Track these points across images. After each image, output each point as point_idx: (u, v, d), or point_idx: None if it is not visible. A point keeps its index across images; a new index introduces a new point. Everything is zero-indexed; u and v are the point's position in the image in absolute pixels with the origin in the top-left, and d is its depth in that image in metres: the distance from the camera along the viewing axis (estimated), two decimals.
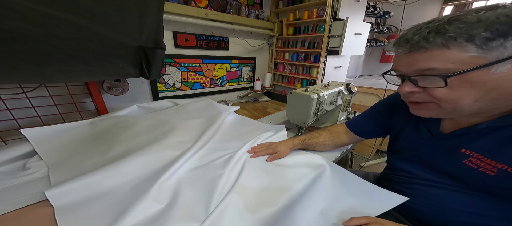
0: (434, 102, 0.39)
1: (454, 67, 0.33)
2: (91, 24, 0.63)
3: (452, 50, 0.33)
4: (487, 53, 0.31)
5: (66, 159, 0.61)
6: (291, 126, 0.98)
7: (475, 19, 0.31)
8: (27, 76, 0.64)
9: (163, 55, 0.86)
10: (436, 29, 0.33)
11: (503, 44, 0.30)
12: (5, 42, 0.53)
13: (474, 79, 0.33)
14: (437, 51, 0.34)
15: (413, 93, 0.40)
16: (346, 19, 1.26)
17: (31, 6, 0.52)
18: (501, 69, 0.31)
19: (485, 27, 0.30)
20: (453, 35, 0.32)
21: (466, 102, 0.35)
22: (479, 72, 0.32)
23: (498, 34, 0.30)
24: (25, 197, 0.48)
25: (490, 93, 0.34)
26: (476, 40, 0.31)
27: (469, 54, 0.32)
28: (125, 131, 0.75)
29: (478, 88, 0.34)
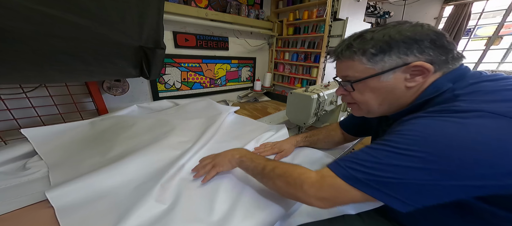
0: (356, 103, 0.47)
1: (358, 75, 0.41)
2: (91, 24, 0.62)
3: (355, 61, 0.41)
4: (374, 65, 0.39)
5: (66, 159, 0.61)
6: (291, 126, 0.97)
7: (370, 37, 0.39)
8: (27, 76, 0.65)
9: (163, 55, 0.86)
10: (347, 44, 0.41)
11: (383, 59, 0.38)
12: (5, 42, 0.53)
13: (371, 85, 0.41)
14: (348, 62, 0.42)
15: (344, 96, 0.49)
16: (346, 19, 1.26)
17: (31, 6, 0.52)
18: (386, 78, 0.39)
19: (373, 45, 0.38)
20: (355, 49, 0.40)
21: (373, 104, 0.43)
22: (373, 80, 0.40)
23: (379, 50, 0.38)
24: (25, 197, 0.48)
25: (386, 98, 0.42)
26: (367, 54, 0.39)
27: (364, 65, 0.40)
28: (125, 131, 0.75)
29: (377, 93, 0.42)
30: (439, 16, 2.68)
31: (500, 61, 2.56)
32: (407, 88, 0.39)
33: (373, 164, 0.33)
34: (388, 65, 0.38)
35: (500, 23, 2.43)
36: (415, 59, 0.36)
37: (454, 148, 0.28)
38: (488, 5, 2.51)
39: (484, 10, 2.55)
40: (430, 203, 0.30)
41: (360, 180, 0.34)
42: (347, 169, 0.36)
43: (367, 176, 0.33)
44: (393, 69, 0.38)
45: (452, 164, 0.27)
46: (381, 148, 0.34)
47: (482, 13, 2.56)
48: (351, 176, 0.35)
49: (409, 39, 0.36)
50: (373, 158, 0.34)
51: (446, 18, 2.62)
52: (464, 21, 2.55)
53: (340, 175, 0.36)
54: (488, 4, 2.49)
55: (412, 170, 0.30)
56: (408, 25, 0.38)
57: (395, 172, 0.31)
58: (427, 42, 0.36)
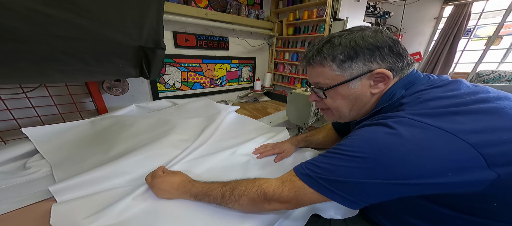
0: (329, 109, 0.47)
1: (329, 82, 0.42)
2: (91, 24, 0.62)
3: (326, 68, 0.41)
4: (343, 72, 0.39)
5: (67, 158, 0.61)
6: (291, 126, 0.97)
7: (338, 41, 0.39)
8: (27, 76, 0.65)
9: (163, 55, 0.86)
10: (317, 49, 0.41)
11: (350, 66, 0.38)
12: (5, 42, 0.53)
13: (341, 92, 0.42)
14: (319, 68, 0.42)
15: (317, 102, 0.49)
16: (346, 19, 1.26)
17: (31, 6, 0.52)
18: (354, 85, 0.40)
19: (341, 50, 0.38)
20: (325, 55, 0.40)
21: (344, 110, 0.45)
22: (343, 87, 0.41)
23: (348, 57, 0.38)
24: (25, 196, 0.48)
25: (355, 104, 0.43)
26: (336, 60, 0.39)
27: (334, 72, 0.40)
28: (126, 130, 0.75)
29: (346, 100, 0.43)
30: (439, 16, 2.68)
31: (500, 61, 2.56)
32: (372, 94, 0.41)
33: (326, 165, 0.36)
34: (355, 72, 0.39)
35: (500, 23, 2.43)
36: (378, 66, 0.38)
37: (384, 150, 0.30)
38: (488, 5, 2.50)
39: (484, 10, 2.55)
40: (374, 200, 0.32)
41: (314, 179, 0.36)
42: (305, 169, 0.38)
43: (319, 175, 0.35)
44: (359, 76, 0.39)
45: (383, 165, 0.30)
46: (334, 151, 0.36)
47: (482, 13, 2.56)
48: (307, 175, 0.37)
49: (371, 45, 0.37)
50: (327, 160, 0.36)
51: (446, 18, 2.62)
52: (464, 21, 2.54)
53: (299, 174, 0.38)
54: (488, 4, 2.49)
55: (355, 170, 0.32)
56: (369, 31, 0.39)
57: (342, 172, 0.33)
58: (386, 49, 0.37)
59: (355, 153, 0.33)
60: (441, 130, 0.29)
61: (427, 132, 0.29)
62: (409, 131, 0.30)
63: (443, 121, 0.30)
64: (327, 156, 0.37)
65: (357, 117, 0.46)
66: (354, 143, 0.34)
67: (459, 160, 0.27)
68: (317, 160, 0.38)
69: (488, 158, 0.26)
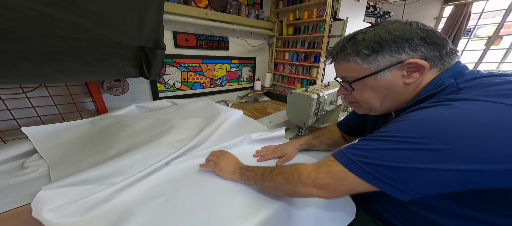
0: (357, 102, 0.48)
1: (355, 75, 0.43)
2: (91, 24, 0.63)
3: (351, 62, 0.42)
4: (370, 65, 0.40)
5: (65, 158, 0.61)
6: (291, 126, 0.97)
7: (362, 38, 0.40)
8: (27, 76, 0.64)
9: (163, 55, 0.86)
10: (341, 46, 0.43)
11: (376, 58, 0.39)
12: (5, 42, 0.53)
13: (370, 84, 0.42)
14: (344, 63, 0.44)
15: (345, 95, 0.50)
16: (346, 19, 1.26)
17: (31, 6, 0.52)
18: (383, 77, 0.40)
19: (365, 45, 0.39)
20: (349, 51, 0.41)
21: (375, 102, 0.44)
22: (370, 79, 0.41)
23: (372, 51, 0.39)
24: (23, 196, 0.48)
25: (387, 95, 0.42)
26: (361, 55, 0.40)
27: (360, 66, 0.41)
28: (125, 130, 0.75)
29: (377, 91, 0.42)
30: (439, 16, 2.69)
31: (500, 61, 2.56)
32: (406, 84, 0.40)
33: (370, 148, 0.34)
34: (382, 64, 0.39)
35: (500, 23, 2.43)
36: (408, 56, 0.37)
37: (445, 129, 0.28)
38: (488, 5, 2.51)
39: (484, 10, 2.55)
40: (426, 191, 0.29)
41: (355, 163, 0.34)
42: (345, 153, 0.37)
43: (362, 159, 0.34)
44: (388, 67, 0.39)
45: (444, 146, 0.27)
46: (379, 135, 0.35)
47: (482, 13, 2.56)
48: (347, 158, 0.36)
49: (398, 38, 0.37)
50: (372, 143, 0.34)
51: (446, 18, 2.62)
52: (464, 21, 2.55)
53: (339, 159, 0.37)
54: (488, 4, 2.49)
55: (405, 153, 0.30)
56: (396, 24, 0.38)
57: (389, 156, 0.31)
58: (417, 40, 0.36)
59: (410, 135, 0.30)
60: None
61: (505, 110, 0.27)
62: (481, 109, 0.28)
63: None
64: (372, 139, 0.35)
65: (391, 108, 0.45)
66: (407, 126, 0.31)
67: None
68: (359, 144, 0.37)
69: None
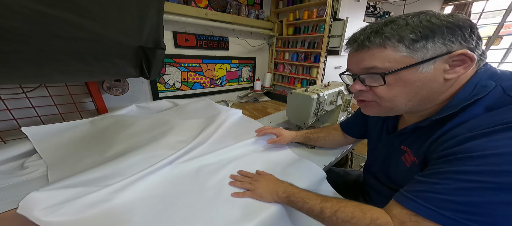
0: (375, 101, 0.41)
1: (390, 65, 0.36)
2: (91, 24, 0.62)
3: (388, 49, 0.35)
4: (414, 54, 0.34)
5: (64, 158, 0.61)
6: (291, 126, 0.97)
7: (404, 22, 0.34)
8: (27, 76, 0.64)
9: (163, 55, 0.86)
10: (376, 30, 0.36)
11: (425, 46, 0.33)
12: (5, 42, 0.53)
13: (406, 77, 0.35)
14: (377, 50, 0.36)
15: (361, 92, 0.42)
16: (346, 19, 1.26)
17: (31, 6, 0.52)
18: (425, 69, 0.34)
19: (411, 30, 0.33)
20: (388, 35, 0.34)
21: (401, 101, 0.38)
22: (410, 71, 0.35)
23: (421, 36, 0.33)
24: (22, 196, 0.48)
25: (420, 93, 0.36)
26: (405, 40, 0.33)
27: (400, 54, 0.34)
28: (124, 130, 0.75)
29: (410, 87, 0.36)
30: None
31: (500, 61, 2.56)
32: (446, 80, 0.34)
33: (465, 202, 0.27)
34: (431, 53, 0.33)
35: (500, 23, 2.43)
36: (460, 47, 0.32)
37: None
38: (488, 5, 2.51)
39: (484, 10, 2.55)
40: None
41: (458, 222, 0.27)
42: (432, 205, 0.30)
43: (461, 217, 0.27)
44: (434, 58, 0.33)
45: None
46: (468, 179, 0.28)
47: (482, 13, 2.57)
48: (443, 216, 0.28)
49: (452, 24, 0.32)
50: (465, 195, 0.27)
51: None
52: None
53: (427, 214, 0.30)
54: (488, 4, 2.49)
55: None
56: (442, 13, 0.34)
57: (494, 211, 0.26)
58: (469, 30, 0.32)
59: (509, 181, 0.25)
60: None
61: None
62: None
63: None
64: (462, 188, 0.28)
65: (416, 108, 0.39)
66: (502, 165, 0.26)
67: None
68: (445, 192, 0.29)
69: None
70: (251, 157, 0.68)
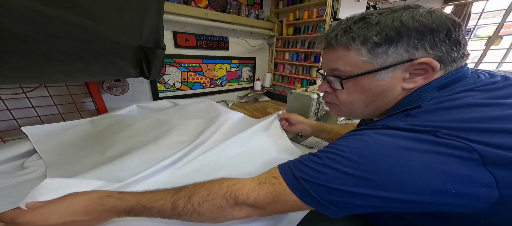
0: (337, 105, 0.40)
1: (350, 70, 0.33)
2: (91, 24, 0.62)
3: (351, 51, 0.33)
4: (374, 59, 0.31)
5: (64, 158, 0.61)
6: None
7: (376, 20, 0.30)
8: (27, 76, 0.65)
9: (163, 55, 0.86)
10: (345, 28, 0.33)
11: (386, 51, 0.30)
12: (5, 42, 0.53)
13: (363, 84, 0.34)
14: (341, 51, 0.34)
15: (328, 93, 0.41)
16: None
17: (31, 6, 0.52)
18: (383, 76, 0.32)
19: (378, 31, 0.30)
20: (354, 35, 0.31)
21: (358, 107, 0.37)
22: (367, 77, 0.33)
23: (385, 40, 0.30)
24: (22, 196, 0.48)
25: (375, 100, 0.35)
26: (368, 43, 0.31)
27: (361, 58, 0.32)
28: (124, 130, 0.75)
29: (367, 94, 0.34)
30: None
31: (500, 61, 2.56)
32: (403, 90, 0.33)
33: (319, 168, 0.30)
34: (390, 60, 0.30)
35: (500, 23, 2.43)
36: (424, 54, 0.29)
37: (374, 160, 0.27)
38: (488, 5, 2.51)
39: (484, 10, 2.55)
40: (360, 211, 0.29)
41: (299, 182, 0.30)
42: (294, 170, 0.32)
43: (309, 180, 0.30)
44: (394, 66, 0.31)
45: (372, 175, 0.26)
46: (331, 151, 0.30)
47: (482, 13, 2.56)
48: (295, 178, 0.31)
49: (424, 27, 0.28)
50: (321, 162, 0.30)
51: None
52: (464, 21, 2.55)
53: (285, 175, 0.32)
54: (488, 4, 2.49)
55: (346, 177, 0.27)
56: (423, 10, 0.30)
57: (334, 178, 0.28)
58: (442, 34, 0.29)
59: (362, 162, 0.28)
60: None
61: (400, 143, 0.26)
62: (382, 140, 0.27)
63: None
64: (322, 156, 0.31)
65: (372, 115, 0.38)
66: (350, 148, 0.29)
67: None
68: (308, 160, 0.32)
69: None
70: (251, 154, 0.67)
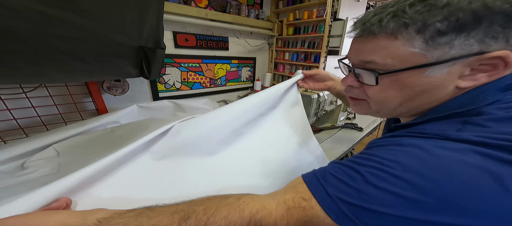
0: (366, 101, 0.34)
1: (391, 63, 0.27)
2: (91, 24, 0.62)
3: (398, 41, 0.25)
4: (430, 51, 0.24)
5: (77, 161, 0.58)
6: None
7: (444, 2, 0.23)
8: (27, 76, 0.65)
9: (163, 55, 0.86)
10: (395, 11, 0.25)
11: (451, 42, 0.23)
12: (4, 42, 0.53)
13: (406, 80, 0.27)
14: (384, 40, 0.27)
15: (352, 88, 0.35)
16: (346, 19, 1.26)
17: (31, 6, 0.52)
18: (436, 72, 0.25)
19: (445, 16, 0.23)
20: (408, 21, 0.24)
21: (392, 105, 0.31)
22: (413, 73, 0.26)
23: (454, 28, 0.23)
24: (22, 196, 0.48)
25: (415, 99, 0.28)
26: (427, 31, 0.24)
27: (411, 50, 0.25)
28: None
29: (406, 91, 0.28)
30: None
31: None
32: (457, 89, 0.26)
33: (357, 187, 0.24)
34: (453, 52, 0.23)
35: None
36: (502, 46, 0.22)
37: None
38: None
39: None
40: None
41: (336, 204, 0.25)
42: (325, 188, 0.26)
43: (345, 198, 0.24)
44: (455, 60, 0.24)
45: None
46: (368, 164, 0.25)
47: None
48: (328, 198, 0.25)
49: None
50: (356, 177, 0.25)
51: None
52: None
53: (317, 196, 0.26)
54: None
55: (398, 199, 0.22)
56: None
57: (380, 199, 0.23)
58: None
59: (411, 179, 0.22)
60: None
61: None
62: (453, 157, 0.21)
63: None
64: (361, 171, 0.25)
65: (404, 115, 0.33)
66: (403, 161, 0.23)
67: None
68: (342, 174, 0.26)
69: None
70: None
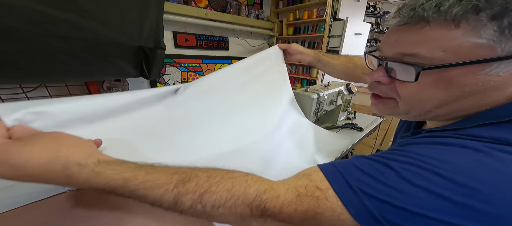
0: (394, 99, 0.28)
1: (441, 57, 0.21)
2: (91, 24, 0.63)
3: (458, 30, 0.20)
4: (502, 43, 0.19)
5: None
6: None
7: None
8: (27, 76, 0.65)
9: (163, 55, 0.86)
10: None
11: None
12: (5, 42, 0.53)
13: (456, 78, 0.22)
14: (438, 29, 0.21)
15: (379, 84, 0.29)
16: (346, 19, 1.26)
17: (31, 7, 0.52)
18: (500, 69, 0.20)
19: None
20: (481, 4, 0.19)
21: (427, 107, 0.26)
22: (470, 69, 0.21)
23: None
24: (22, 196, 0.48)
25: (460, 101, 0.23)
26: (507, 17, 0.19)
27: (476, 41, 0.20)
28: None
29: (453, 91, 0.23)
30: None
31: None
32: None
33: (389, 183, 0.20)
34: None
35: None
36: None
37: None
38: None
39: None
40: None
41: (358, 196, 0.21)
42: (346, 179, 0.22)
43: (371, 192, 0.20)
44: None
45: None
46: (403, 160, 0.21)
47: None
48: (349, 189, 0.21)
49: None
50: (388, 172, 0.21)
51: None
52: None
53: (336, 187, 0.22)
54: None
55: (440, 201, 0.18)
56: None
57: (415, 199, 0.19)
58: None
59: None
60: None
61: None
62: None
63: None
64: (394, 166, 0.21)
65: (437, 119, 0.28)
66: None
67: None
68: (368, 167, 0.22)
69: None
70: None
